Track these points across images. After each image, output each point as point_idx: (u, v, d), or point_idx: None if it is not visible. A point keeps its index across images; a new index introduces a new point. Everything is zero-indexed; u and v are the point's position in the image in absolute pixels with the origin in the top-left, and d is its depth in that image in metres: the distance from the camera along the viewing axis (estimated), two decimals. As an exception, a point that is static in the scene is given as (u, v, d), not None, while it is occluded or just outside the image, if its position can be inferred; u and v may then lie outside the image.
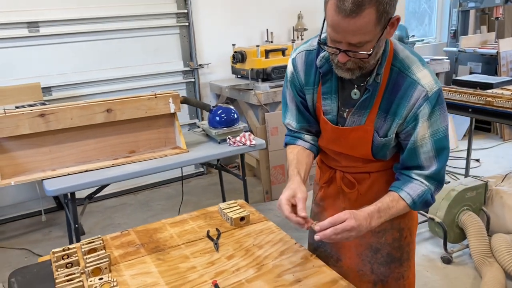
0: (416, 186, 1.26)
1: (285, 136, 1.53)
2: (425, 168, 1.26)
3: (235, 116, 2.77)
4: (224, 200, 3.38)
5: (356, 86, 1.27)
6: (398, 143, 1.33)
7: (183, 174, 3.35)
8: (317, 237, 1.16)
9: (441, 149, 1.24)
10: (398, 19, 1.12)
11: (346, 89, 1.30)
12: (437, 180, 1.27)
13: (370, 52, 1.11)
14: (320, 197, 1.58)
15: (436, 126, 1.22)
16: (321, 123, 1.39)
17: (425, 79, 1.20)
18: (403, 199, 1.25)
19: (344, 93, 1.30)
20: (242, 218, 1.64)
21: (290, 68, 1.41)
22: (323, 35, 1.21)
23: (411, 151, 1.25)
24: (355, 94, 1.27)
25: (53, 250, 1.48)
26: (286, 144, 1.51)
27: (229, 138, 2.70)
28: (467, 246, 2.67)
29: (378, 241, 1.46)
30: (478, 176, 3.10)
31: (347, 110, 1.30)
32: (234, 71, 4.04)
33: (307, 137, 1.46)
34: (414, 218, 1.51)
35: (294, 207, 1.24)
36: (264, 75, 3.67)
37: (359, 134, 1.29)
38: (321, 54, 1.30)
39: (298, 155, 1.42)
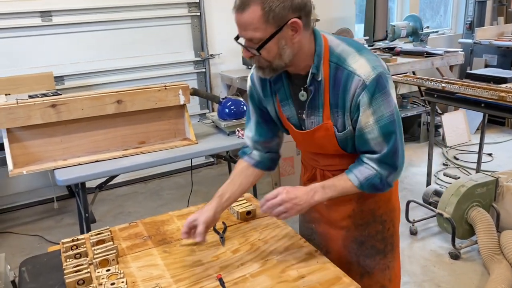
0: (364, 170, 1.31)
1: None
2: (376, 153, 1.30)
3: (245, 108, 2.77)
4: (233, 191, 3.40)
5: (302, 88, 1.32)
6: None
7: (193, 164, 3.37)
8: (261, 209, 1.31)
9: (389, 134, 1.26)
10: (297, 23, 1.16)
11: (297, 93, 1.34)
12: (388, 164, 1.29)
13: (257, 47, 1.18)
14: None
15: (380, 112, 1.23)
16: (289, 130, 1.44)
17: (361, 68, 1.22)
18: (350, 180, 1.31)
19: (297, 97, 1.35)
20: (248, 212, 1.65)
21: (249, 83, 1.46)
22: None
23: (359, 138, 1.29)
24: (302, 96, 1.32)
25: (62, 241, 1.52)
26: (238, 156, 1.59)
27: (238, 130, 2.70)
28: (476, 242, 2.65)
29: (361, 234, 1.49)
30: (489, 172, 3.07)
31: (304, 112, 1.34)
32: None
33: (255, 153, 1.50)
34: (396, 210, 1.55)
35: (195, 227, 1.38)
36: (275, 66, 3.65)
37: (322, 133, 1.33)
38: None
39: (237, 173, 1.50)
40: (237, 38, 1.23)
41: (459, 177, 2.91)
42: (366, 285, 1.50)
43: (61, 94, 2.96)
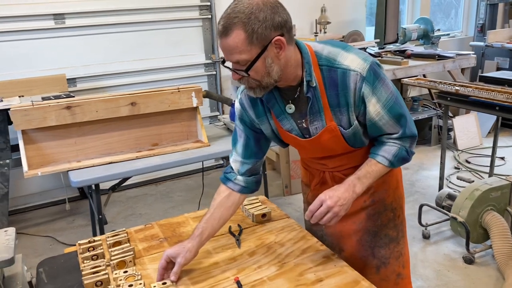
0: (389, 148, 1.35)
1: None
2: (392, 134, 1.35)
3: (257, 110, 2.77)
4: (244, 194, 3.40)
5: (290, 101, 1.34)
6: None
7: (204, 166, 3.37)
8: (312, 221, 1.27)
9: (398, 114, 1.31)
10: (280, 41, 1.18)
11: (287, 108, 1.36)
12: (408, 136, 1.35)
13: (245, 69, 1.19)
14: (312, 196, 1.59)
15: (383, 98, 1.28)
16: (292, 141, 1.45)
17: (354, 63, 1.26)
18: (380, 163, 1.34)
19: (292, 111, 1.36)
20: (263, 215, 1.65)
21: (237, 107, 1.47)
22: None
23: (372, 127, 1.33)
24: (290, 108, 1.34)
25: (79, 242, 1.52)
26: (221, 180, 1.55)
27: (250, 133, 2.70)
28: (490, 247, 2.62)
29: (374, 224, 1.51)
30: (503, 175, 3.04)
31: (303, 120, 1.36)
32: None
33: (240, 178, 1.47)
34: (402, 197, 1.58)
35: (172, 263, 1.33)
36: (286, 69, 3.65)
37: (328, 135, 1.34)
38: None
39: (217, 207, 1.45)
40: (223, 62, 1.25)
41: (473, 181, 2.88)
42: (383, 277, 1.52)
43: (74, 96, 2.98)
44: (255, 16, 1.15)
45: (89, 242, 1.52)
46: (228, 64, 1.24)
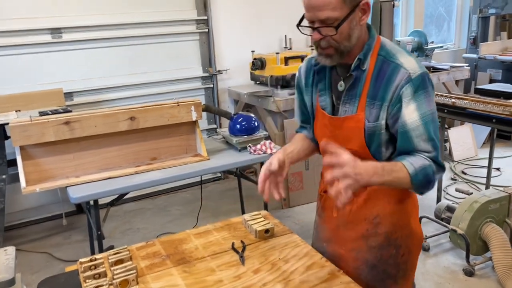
0: (418, 159, 1.27)
1: None
2: (424, 152, 1.29)
3: (256, 124, 2.78)
4: (242, 207, 3.39)
5: (342, 78, 1.38)
6: (393, 140, 1.35)
7: (201, 179, 3.36)
8: (328, 176, 1.15)
9: (432, 136, 1.28)
10: (367, 5, 1.25)
11: (337, 84, 1.40)
12: (438, 163, 1.29)
13: (336, 25, 1.22)
14: (321, 207, 1.62)
15: (423, 109, 1.26)
16: (319, 118, 1.47)
17: (409, 63, 1.28)
18: (405, 167, 1.24)
19: (335, 88, 1.41)
20: (267, 231, 1.64)
21: (297, 74, 1.59)
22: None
23: (403, 135, 1.28)
24: (340, 86, 1.38)
25: (80, 260, 1.50)
26: (296, 131, 1.70)
27: (249, 146, 2.70)
28: (490, 259, 2.62)
29: (374, 256, 1.46)
30: (499, 186, 3.06)
31: (339, 101, 1.39)
32: (253, 77, 4.05)
33: (308, 131, 1.61)
34: (415, 237, 1.49)
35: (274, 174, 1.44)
36: (284, 82, 3.67)
37: (352, 124, 1.35)
38: (317, 56, 1.40)
39: (295, 139, 1.61)
40: (299, 23, 1.29)
41: (471, 193, 2.89)
42: None
43: (71, 111, 2.98)
44: None
45: (91, 260, 1.50)
46: (305, 24, 1.26)
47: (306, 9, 1.25)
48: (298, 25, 1.31)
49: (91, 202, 2.34)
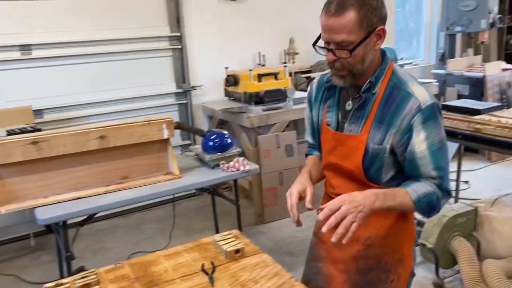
0: (423, 185, 1.33)
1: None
2: (428, 179, 1.34)
3: (229, 141, 2.78)
4: (216, 224, 3.37)
5: (351, 98, 1.41)
6: (394, 164, 1.38)
7: (175, 196, 3.33)
8: (324, 229, 1.23)
9: (440, 164, 1.32)
10: (383, 31, 1.28)
11: (345, 103, 1.43)
12: (443, 189, 1.34)
13: (351, 49, 1.25)
14: (318, 228, 1.60)
15: (431, 138, 1.30)
16: (323, 134, 1.50)
17: (420, 92, 1.32)
18: (408, 193, 1.31)
19: (343, 107, 1.44)
20: (237, 251, 1.64)
21: (308, 90, 1.63)
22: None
23: (410, 162, 1.33)
24: (348, 105, 1.41)
25: (45, 286, 1.46)
26: (306, 155, 1.74)
27: (222, 163, 2.70)
28: (459, 272, 2.68)
29: (363, 279, 1.47)
30: (467, 199, 3.14)
31: (345, 120, 1.42)
32: (227, 94, 4.07)
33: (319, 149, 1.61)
34: (405, 263, 1.50)
35: (301, 199, 1.43)
36: (257, 99, 3.70)
37: (354, 143, 1.37)
38: (330, 74, 1.44)
39: (313, 160, 1.63)
40: (315, 42, 1.33)
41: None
42: None
43: (40, 129, 2.92)
44: (369, 3, 1.23)
45: (56, 285, 1.47)
46: (321, 44, 1.30)
47: (323, 29, 1.29)
48: (314, 44, 1.34)
49: (60, 223, 2.30)
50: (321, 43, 1.36)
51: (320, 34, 1.33)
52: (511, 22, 6.38)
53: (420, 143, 1.29)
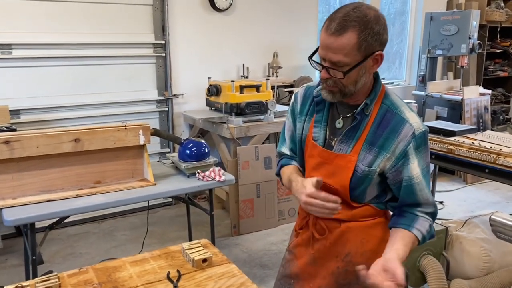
0: (423, 222, 1.36)
1: (277, 165, 1.64)
2: (424, 206, 1.37)
3: (206, 150, 2.78)
4: (190, 234, 3.34)
5: (341, 116, 1.40)
6: (379, 185, 1.39)
7: (150, 204, 3.31)
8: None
9: (428, 188, 1.36)
10: (381, 56, 1.27)
11: (334, 120, 1.42)
12: (435, 214, 1.41)
13: (345, 71, 1.24)
14: (294, 244, 1.61)
15: (423, 163, 1.33)
16: (308, 150, 1.46)
17: (413, 119, 1.33)
18: (416, 236, 1.34)
19: (332, 124, 1.42)
20: (204, 260, 1.63)
21: (292, 100, 1.58)
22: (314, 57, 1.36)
23: (408, 188, 1.34)
24: (339, 123, 1.40)
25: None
26: (280, 167, 1.61)
27: (198, 173, 2.69)
28: (428, 290, 2.71)
29: None
30: (442, 219, 3.19)
31: (335, 139, 1.40)
32: (209, 103, 4.08)
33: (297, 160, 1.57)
34: None
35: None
36: (238, 110, 3.71)
37: (343, 162, 1.37)
38: (319, 87, 1.42)
39: (294, 169, 1.53)
40: (311, 56, 1.30)
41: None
42: None
43: (15, 129, 2.88)
44: (371, 27, 1.21)
45: (16, 288, 1.43)
46: (316, 59, 1.28)
47: (321, 46, 1.27)
48: (310, 57, 1.32)
49: (28, 226, 2.25)
50: (317, 57, 1.36)
51: (318, 48, 1.31)
52: (491, 49, 6.58)
53: (415, 168, 1.32)
